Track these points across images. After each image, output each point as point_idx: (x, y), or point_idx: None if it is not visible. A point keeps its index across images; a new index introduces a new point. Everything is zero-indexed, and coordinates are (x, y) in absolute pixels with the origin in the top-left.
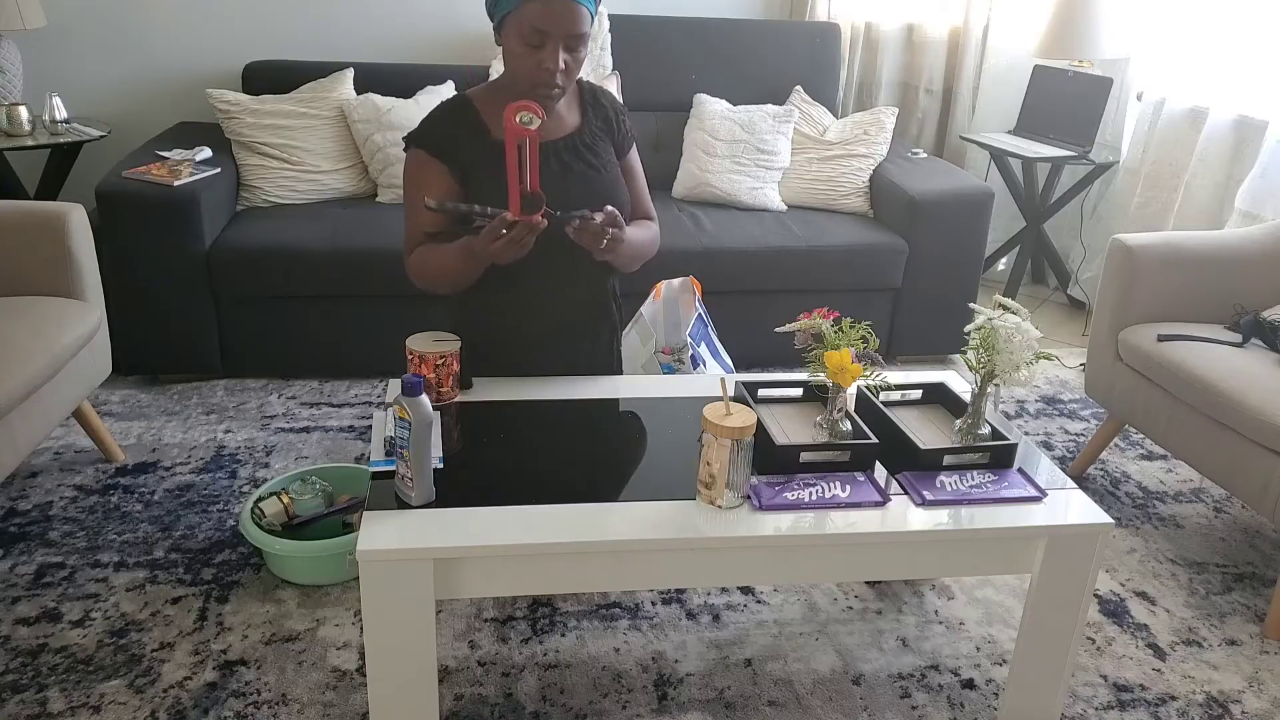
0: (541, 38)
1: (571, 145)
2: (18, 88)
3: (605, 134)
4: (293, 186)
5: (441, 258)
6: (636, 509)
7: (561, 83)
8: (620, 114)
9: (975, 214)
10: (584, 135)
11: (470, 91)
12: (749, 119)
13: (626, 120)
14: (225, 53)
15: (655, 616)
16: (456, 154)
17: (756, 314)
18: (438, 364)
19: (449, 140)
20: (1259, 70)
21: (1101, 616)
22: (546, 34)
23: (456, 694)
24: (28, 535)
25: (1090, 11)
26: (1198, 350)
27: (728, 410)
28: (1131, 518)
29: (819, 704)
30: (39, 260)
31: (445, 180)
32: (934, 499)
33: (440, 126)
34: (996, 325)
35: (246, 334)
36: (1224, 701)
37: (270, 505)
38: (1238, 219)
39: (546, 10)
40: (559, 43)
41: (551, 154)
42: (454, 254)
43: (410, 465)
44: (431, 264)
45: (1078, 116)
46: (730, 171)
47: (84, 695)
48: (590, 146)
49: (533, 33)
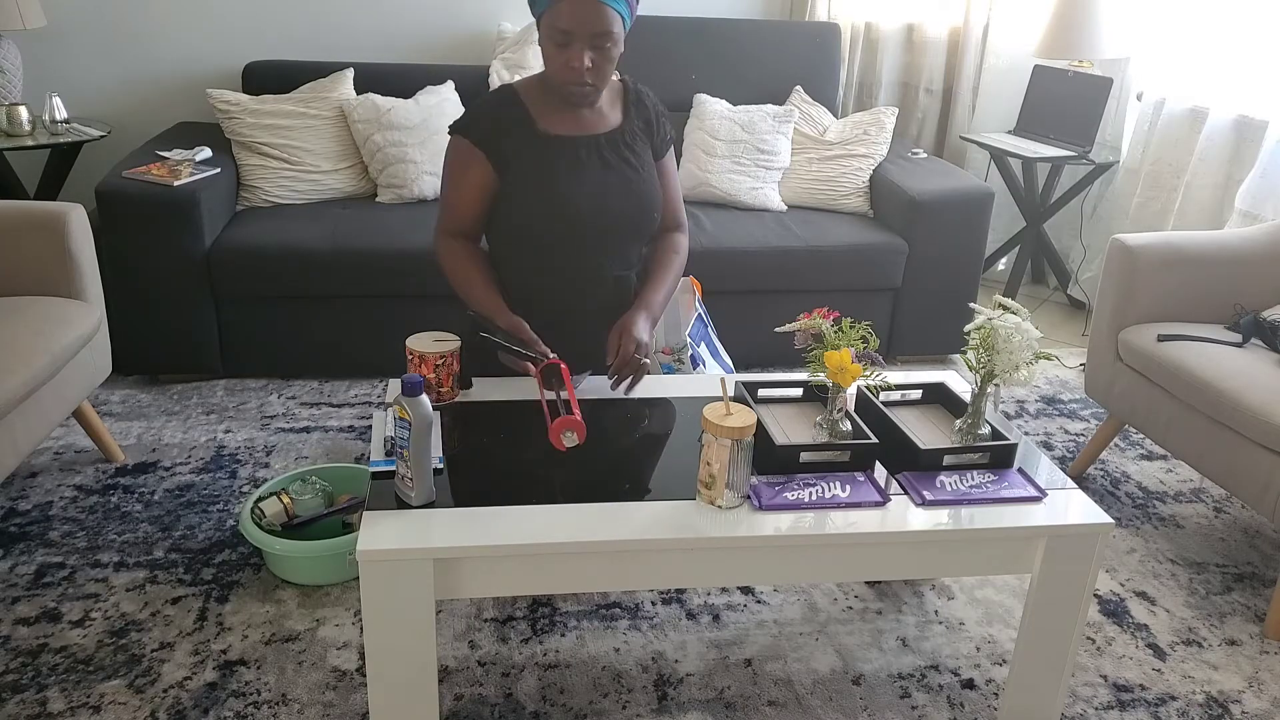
0: (567, 37)
1: (612, 142)
2: (18, 88)
3: (645, 135)
4: (293, 186)
5: (467, 282)
6: (636, 509)
7: (591, 80)
8: (661, 117)
9: (975, 214)
10: (625, 134)
11: (517, 83)
12: (749, 119)
13: (667, 124)
14: (225, 53)
15: (655, 616)
16: (498, 145)
17: (756, 314)
18: (438, 364)
19: (493, 131)
20: (1259, 70)
21: (1101, 616)
22: (572, 34)
23: (456, 694)
24: (28, 535)
25: (1090, 11)
26: (1198, 350)
27: (728, 410)
28: (1131, 518)
29: (819, 704)
30: (39, 260)
31: (484, 169)
32: (934, 499)
33: (485, 117)
34: (996, 325)
35: (246, 334)
36: (1224, 702)
37: (270, 505)
38: (1238, 219)
39: (571, 10)
40: (585, 42)
41: (593, 149)
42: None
43: (410, 465)
44: (457, 273)
45: (1078, 116)
46: (730, 171)
47: (84, 695)
48: (630, 145)
49: (559, 33)
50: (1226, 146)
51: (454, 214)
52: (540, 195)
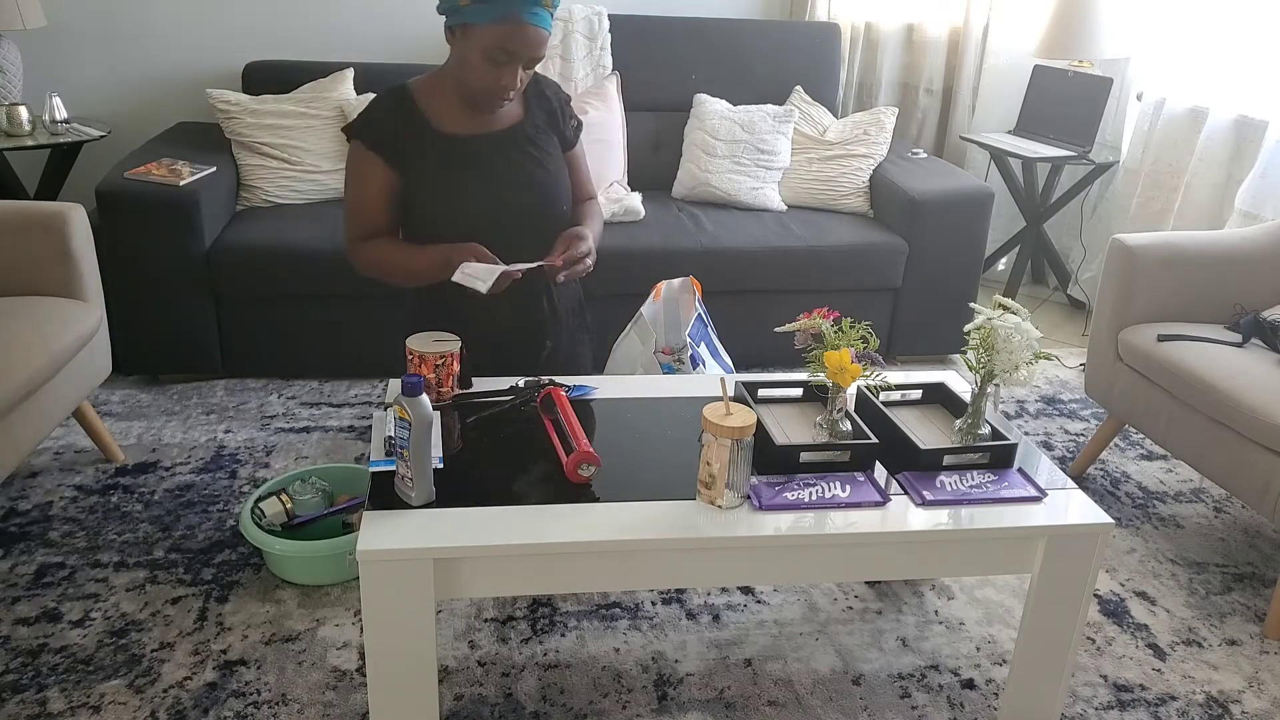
0: (509, 58)
1: (514, 137)
2: (18, 88)
3: (549, 127)
4: (293, 186)
5: (410, 259)
6: (636, 509)
7: (513, 96)
8: (565, 106)
9: (975, 214)
10: (526, 128)
11: (411, 82)
12: (749, 119)
13: (572, 113)
14: (225, 53)
15: (655, 616)
16: (395, 147)
17: (756, 314)
18: (438, 364)
19: (389, 134)
20: (1259, 70)
21: (1101, 616)
22: (516, 56)
23: (456, 694)
24: (28, 535)
25: (1090, 11)
26: (1198, 350)
27: (728, 410)
28: (1131, 518)
29: (819, 704)
30: (39, 260)
31: (384, 173)
32: (934, 499)
33: (380, 119)
34: (996, 325)
35: (246, 334)
36: (1224, 702)
37: (270, 505)
38: (1238, 219)
39: (519, 35)
40: (522, 63)
41: (494, 146)
42: (425, 259)
43: (410, 465)
44: (384, 259)
45: (1078, 116)
46: (730, 171)
47: (84, 695)
48: (533, 139)
49: (500, 52)
50: (1226, 146)
51: (360, 219)
52: (441, 196)
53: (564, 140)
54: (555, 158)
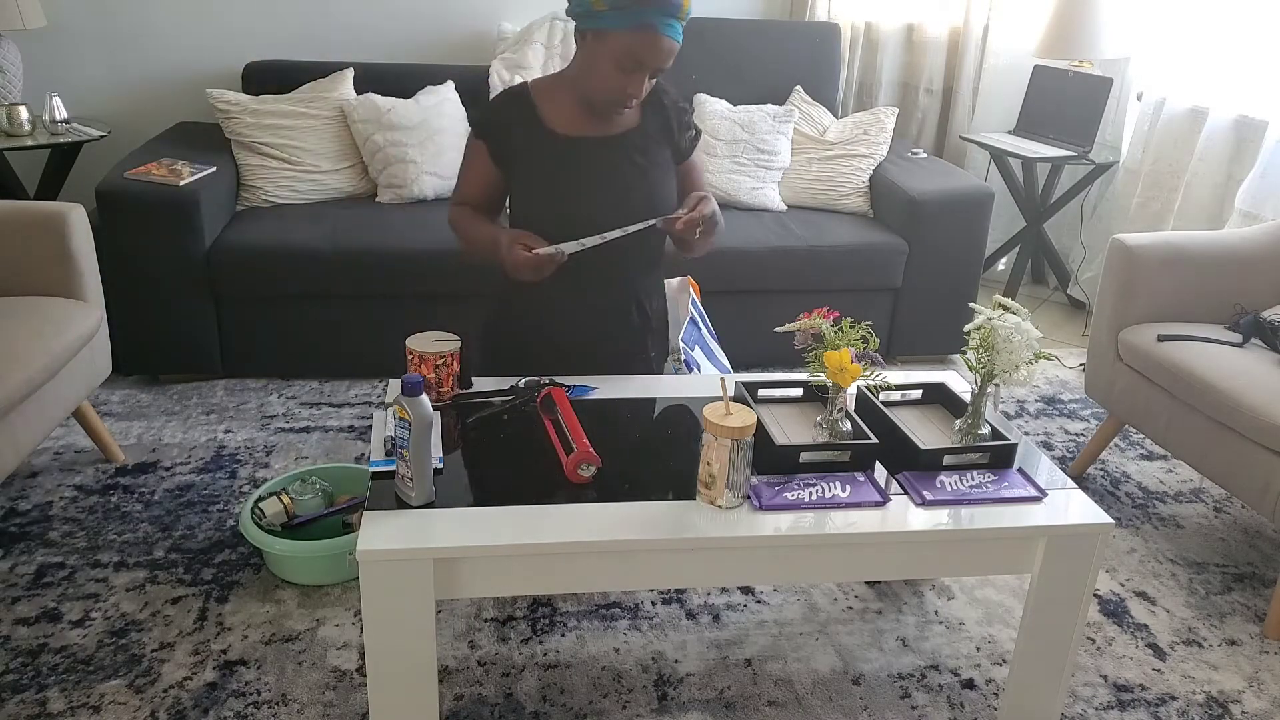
0: (639, 66)
1: (622, 144)
2: (18, 88)
3: (663, 137)
4: (293, 186)
5: (474, 230)
6: (636, 509)
7: (635, 104)
8: (683, 117)
9: (975, 214)
10: (637, 136)
11: (532, 82)
12: (749, 119)
13: (690, 125)
14: (225, 53)
15: (655, 616)
16: (502, 139)
17: (756, 314)
18: (438, 364)
19: (499, 125)
20: (1259, 70)
21: (1101, 616)
22: (646, 65)
23: (456, 694)
24: (28, 535)
25: (1090, 11)
26: (1198, 350)
27: (728, 410)
28: (1131, 518)
29: (819, 704)
30: (39, 260)
31: (485, 159)
32: (934, 499)
33: (493, 112)
34: (996, 325)
35: (246, 334)
36: (1224, 702)
37: (270, 505)
38: (1238, 219)
39: (652, 45)
40: (651, 72)
41: (600, 151)
42: (483, 234)
43: (410, 465)
44: (459, 226)
45: (1078, 116)
46: (730, 171)
47: (84, 695)
48: (641, 148)
49: (630, 60)
50: (1226, 146)
51: (460, 188)
52: (538, 191)
53: (678, 152)
54: (661, 168)
